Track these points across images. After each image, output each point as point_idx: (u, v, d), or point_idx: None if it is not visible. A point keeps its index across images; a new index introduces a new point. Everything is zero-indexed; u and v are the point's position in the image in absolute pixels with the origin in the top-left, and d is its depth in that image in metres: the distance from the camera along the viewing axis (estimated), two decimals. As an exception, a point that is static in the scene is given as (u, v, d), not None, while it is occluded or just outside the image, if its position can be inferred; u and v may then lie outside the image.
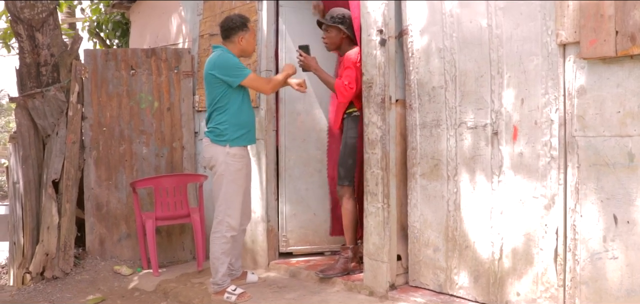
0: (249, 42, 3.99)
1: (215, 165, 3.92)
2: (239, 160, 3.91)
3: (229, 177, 3.88)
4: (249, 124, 3.99)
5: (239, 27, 3.93)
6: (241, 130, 3.91)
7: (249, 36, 3.98)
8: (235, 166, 3.89)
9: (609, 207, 2.84)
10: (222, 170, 3.88)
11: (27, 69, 5.40)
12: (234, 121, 3.88)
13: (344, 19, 4.20)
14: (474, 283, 3.43)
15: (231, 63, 3.86)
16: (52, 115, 5.16)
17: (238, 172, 3.91)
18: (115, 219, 5.22)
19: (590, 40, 2.82)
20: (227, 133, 3.87)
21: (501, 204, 3.30)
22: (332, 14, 4.24)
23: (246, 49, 4.00)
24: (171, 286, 4.44)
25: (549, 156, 3.08)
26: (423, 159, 3.67)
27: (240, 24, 3.94)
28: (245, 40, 3.96)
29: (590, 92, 2.89)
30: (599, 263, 2.88)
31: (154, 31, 6.00)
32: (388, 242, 3.72)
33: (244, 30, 3.94)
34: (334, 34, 4.22)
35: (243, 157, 3.95)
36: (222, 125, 3.88)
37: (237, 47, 3.96)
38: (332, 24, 4.20)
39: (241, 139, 3.92)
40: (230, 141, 3.87)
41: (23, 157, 5.19)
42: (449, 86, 3.51)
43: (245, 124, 3.94)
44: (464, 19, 3.42)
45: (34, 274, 4.83)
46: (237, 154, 3.90)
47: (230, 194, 3.88)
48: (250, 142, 4.04)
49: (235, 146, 3.89)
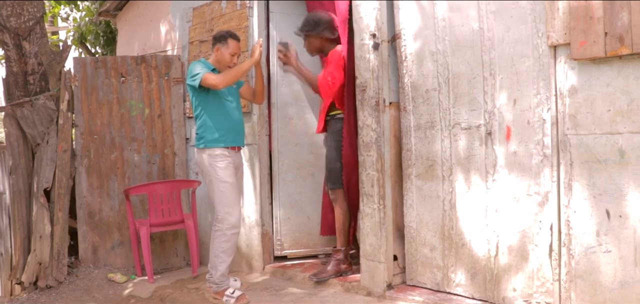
0: (222, 54, 4.05)
1: (203, 169, 4.04)
2: (221, 160, 3.97)
3: (216, 177, 3.95)
4: (228, 127, 4.02)
5: (218, 39, 4.09)
6: (218, 132, 3.98)
7: (225, 49, 4.04)
8: (219, 166, 3.96)
9: (601, 202, 2.94)
10: (209, 172, 3.99)
11: (14, 78, 5.37)
12: (210, 124, 3.98)
13: (316, 25, 4.26)
14: (471, 280, 3.51)
15: (191, 70, 3.97)
16: (41, 124, 5.13)
17: (223, 170, 3.96)
18: (107, 227, 5.21)
19: (580, 41, 2.92)
20: (204, 136, 3.99)
21: (496, 202, 3.38)
22: (304, 24, 4.32)
23: (219, 60, 4.07)
24: (167, 292, 4.45)
25: (542, 155, 3.17)
26: (418, 160, 3.74)
27: (220, 37, 4.08)
28: (219, 52, 4.06)
29: (581, 92, 2.98)
30: (593, 256, 2.97)
31: (142, 39, 6.00)
32: (384, 242, 3.79)
33: (221, 43, 4.05)
34: (309, 41, 4.32)
35: (226, 156, 4.00)
36: (199, 129, 4.03)
37: (214, 57, 4.10)
38: (306, 34, 4.28)
39: (219, 140, 3.98)
40: (208, 142, 3.97)
41: (12, 167, 5.14)
42: (443, 88, 3.59)
43: (222, 126, 3.99)
44: (456, 22, 3.50)
45: (27, 283, 4.79)
46: (219, 154, 3.98)
47: (224, 193, 3.94)
48: (232, 144, 4.05)
49: (214, 146, 3.97)
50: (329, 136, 4.29)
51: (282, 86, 4.80)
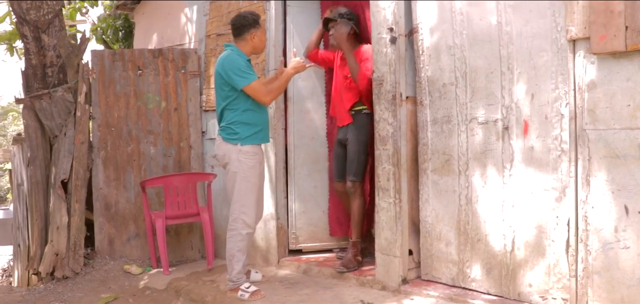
0: (261, 39, 3.99)
1: (229, 163, 3.94)
2: (251, 157, 3.91)
3: (241, 175, 3.89)
4: (261, 123, 3.98)
5: (250, 25, 3.92)
6: (253, 128, 3.92)
7: (261, 33, 3.98)
8: (248, 164, 3.89)
9: (620, 198, 2.91)
10: (235, 168, 3.90)
11: (32, 70, 5.43)
12: (245, 119, 3.89)
13: (352, 15, 4.29)
14: (487, 275, 3.50)
15: (236, 65, 3.83)
16: (59, 116, 5.19)
17: (251, 169, 3.91)
18: (123, 218, 5.25)
19: (600, 35, 2.89)
20: (238, 131, 3.89)
21: (512, 197, 3.36)
22: (342, 11, 4.32)
23: (258, 47, 4.00)
24: (182, 284, 4.48)
25: (560, 149, 3.15)
26: (434, 155, 3.74)
27: (252, 21, 3.93)
28: (257, 38, 3.95)
29: (600, 87, 2.96)
30: (611, 252, 2.94)
31: (159, 32, 6.04)
32: (400, 237, 3.78)
33: (255, 28, 3.93)
34: (343, 29, 4.29)
35: (256, 154, 3.95)
36: (233, 124, 3.90)
37: (249, 45, 3.96)
38: (342, 20, 4.27)
39: (253, 138, 3.92)
40: (242, 139, 3.88)
41: (30, 159, 5.21)
42: (460, 82, 3.58)
43: (256, 122, 3.94)
44: (474, 16, 3.49)
45: (44, 274, 4.85)
46: (250, 151, 3.90)
47: (244, 192, 3.90)
48: (263, 141, 4.04)
49: (247, 144, 3.89)
50: (355, 130, 4.30)
51: (299, 80, 4.80)
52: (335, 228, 4.86)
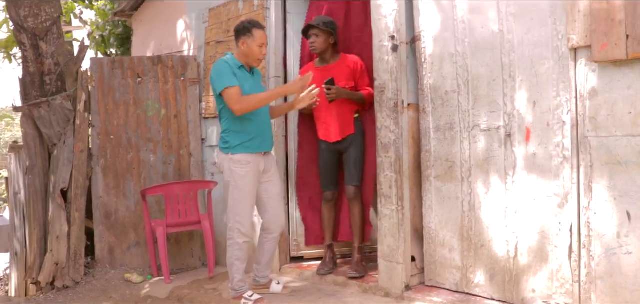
0: (250, 48, 3.84)
1: (224, 172, 3.94)
2: (243, 166, 3.83)
3: (233, 184, 3.86)
4: (255, 131, 3.87)
5: (241, 32, 3.86)
6: (244, 137, 3.83)
7: (251, 41, 3.83)
8: (239, 173, 3.83)
9: (622, 204, 2.95)
10: (228, 177, 3.89)
11: (30, 78, 5.41)
12: (236, 128, 3.84)
13: (333, 26, 4.32)
14: (490, 281, 3.53)
15: (217, 70, 3.78)
16: (58, 124, 5.17)
17: (242, 178, 3.84)
18: (124, 227, 5.25)
19: (601, 44, 2.93)
20: (229, 140, 3.85)
21: (515, 203, 3.40)
22: (324, 20, 4.34)
23: (248, 54, 3.87)
24: (185, 293, 4.48)
25: (562, 156, 3.19)
26: (437, 162, 3.77)
27: (243, 29, 3.86)
28: (246, 45, 3.83)
29: (601, 94, 3.00)
30: (614, 258, 2.98)
31: (158, 39, 6.04)
32: (403, 243, 3.81)
33: (246, 35, 3.82)
34: (324, 38, 4.33)
35: (249, 163, 3.83)
36: (225, 133, 3.89)
37: (240, 52, 3.90)
38: (326, 29, 4.30)
39: (244, 146, 3.84)
40: (232, 148, 3.83)
41: (29, 167, 5.18)
42: (462, 90, 3.61)
43: (249, 130, 3.85)
44: (476, 24, 3.53)
45: (44, 283, 4.82)
46: (242, 160, 3.82)
47: (237, 201, 3.88)
48: (259, 149, 3.90)
49: (238, 152, 3.83)
50: (355, 137, 4.36)
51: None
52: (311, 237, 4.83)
